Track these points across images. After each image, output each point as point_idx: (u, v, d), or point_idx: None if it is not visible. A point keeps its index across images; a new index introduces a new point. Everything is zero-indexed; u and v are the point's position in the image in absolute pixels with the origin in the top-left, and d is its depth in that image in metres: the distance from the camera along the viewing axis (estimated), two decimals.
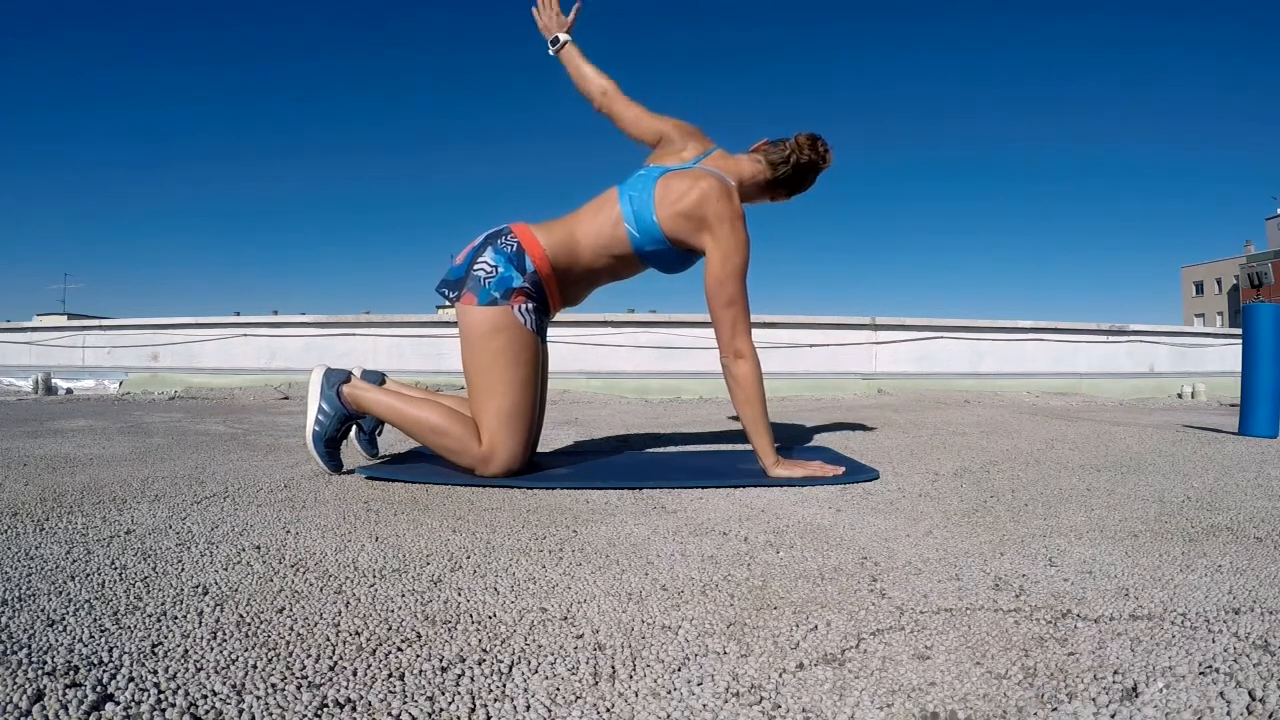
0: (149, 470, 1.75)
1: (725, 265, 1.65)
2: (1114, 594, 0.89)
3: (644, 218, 1.67)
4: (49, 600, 0.84)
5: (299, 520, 1.26)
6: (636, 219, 1.67)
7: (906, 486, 1.59)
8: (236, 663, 0.69)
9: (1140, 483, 1.63)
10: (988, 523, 1.26)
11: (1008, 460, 1.96)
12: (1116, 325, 7.31)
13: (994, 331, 7.03)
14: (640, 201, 1.68)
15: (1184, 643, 0.73)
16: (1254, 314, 2.58)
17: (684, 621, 0.81)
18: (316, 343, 6.89)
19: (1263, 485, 1.60)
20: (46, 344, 7.83)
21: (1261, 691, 0.62)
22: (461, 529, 1.22)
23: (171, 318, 7.34)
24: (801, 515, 1.32)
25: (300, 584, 0.92)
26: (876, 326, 6.87)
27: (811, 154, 1.82)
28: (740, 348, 1.66)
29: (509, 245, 1.66)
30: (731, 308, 1.66)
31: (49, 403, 4.24)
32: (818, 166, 1.85)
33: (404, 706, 0.61)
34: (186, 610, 0.82)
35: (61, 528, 1.18)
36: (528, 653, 0.73)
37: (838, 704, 0.63)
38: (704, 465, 1.86)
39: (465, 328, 1.64)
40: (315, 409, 1.68)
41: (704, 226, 1.65)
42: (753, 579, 0.96)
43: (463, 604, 0.86)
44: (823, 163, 1.85)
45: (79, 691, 0.62)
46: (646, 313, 7.35)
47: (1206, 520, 1.27)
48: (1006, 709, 0.61)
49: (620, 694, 0.65)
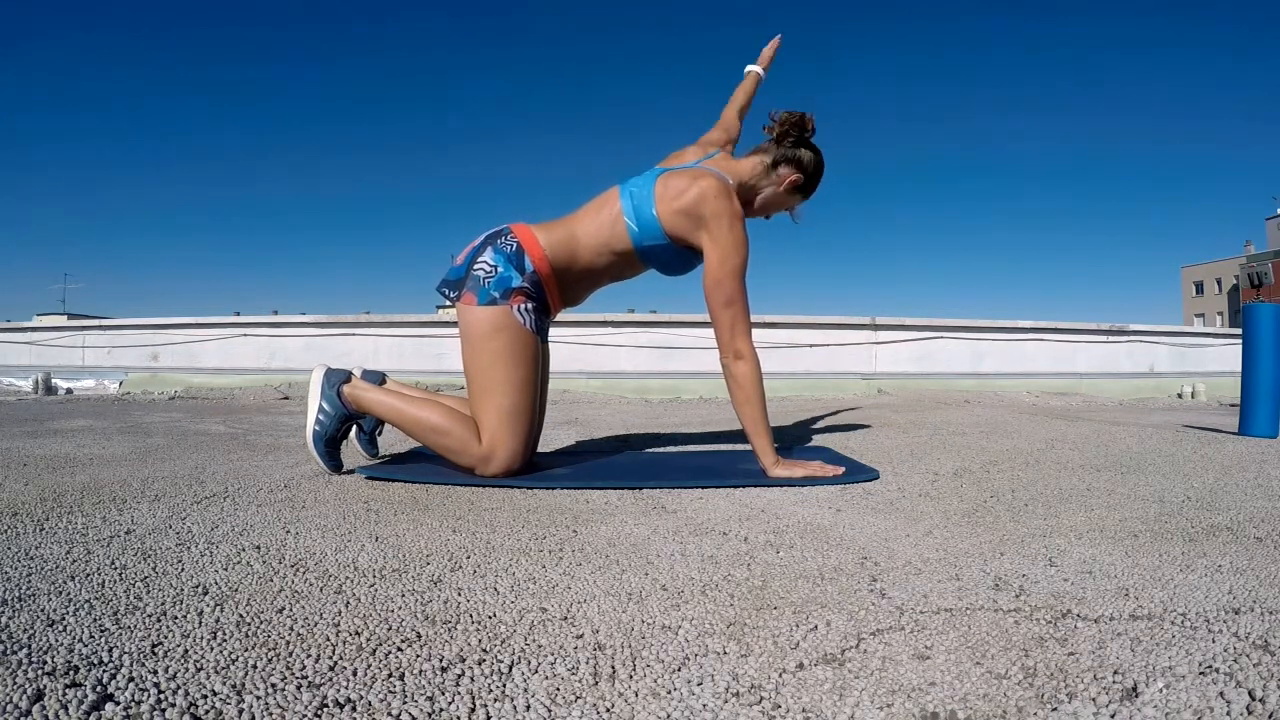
0: (149, 470, 1.75)
1: (723, 265, 1.65)
2: (1114, 594, 0.88)
3: (644, 213, 1.67)
4: (49, 600, 0.84)
5: (299, 520, 1.26)
6: (637, 214, 1.68)
7: (906, 486, 1.59)
8: (236, 663, 0.69)
9: (1140, 483, 1.63)
10: (988, 523, 1.26)
11: (1008, 460, 1.96)
12: (1116, 325, 7.31)
13: (994, 331, 7.03)
14: (641, 197, 1.69)
15: (1184, 643, 0.73)
16: (1254, 314, 2.58)
17: (684, 621, 0.81)
18: (316, 343, 6.88)
19: (1263, 485, 1.60)
20: (46, 344, 7.82)
21: (1261, 691, 0.62)
22: (461, 529, 1.22)
23: (171, 318, 7.33)
24: (801, 515, 1.32)
25: (300, 584, 0.92)
26: (876, 326, 6.86)
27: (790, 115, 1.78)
28: (740, 348, 1.66)
29: (509, 245, 1.66)
30: (730, 308, 1.66)
31: (49, 403, 4.24)
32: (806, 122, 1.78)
33: (404, 706, 0.61)
34: (186, 610, 0.82)
35: (61, 528, 1.18)
36: (528, 653, 0.73)
37: (838, 704, 0.63)
38: (704, 465, 1.86)
39: (465, 327, 1.65)
40: (315, 409, 1.68)
41: (702, 225, 1.65)
42: (753, 579, 0.96)
43: (463, 604, 0.86)
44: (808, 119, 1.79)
45: (79, 691, 0.62)
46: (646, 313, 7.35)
47: (1206, 520, 1.27)
48: (1006, 709, 0.61)
49: (620, 694, 0.65)
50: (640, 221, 1.68)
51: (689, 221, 1.66)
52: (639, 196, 1.69)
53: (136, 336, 7.40)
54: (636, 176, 1.75)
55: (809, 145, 1.81)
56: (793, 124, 1.78)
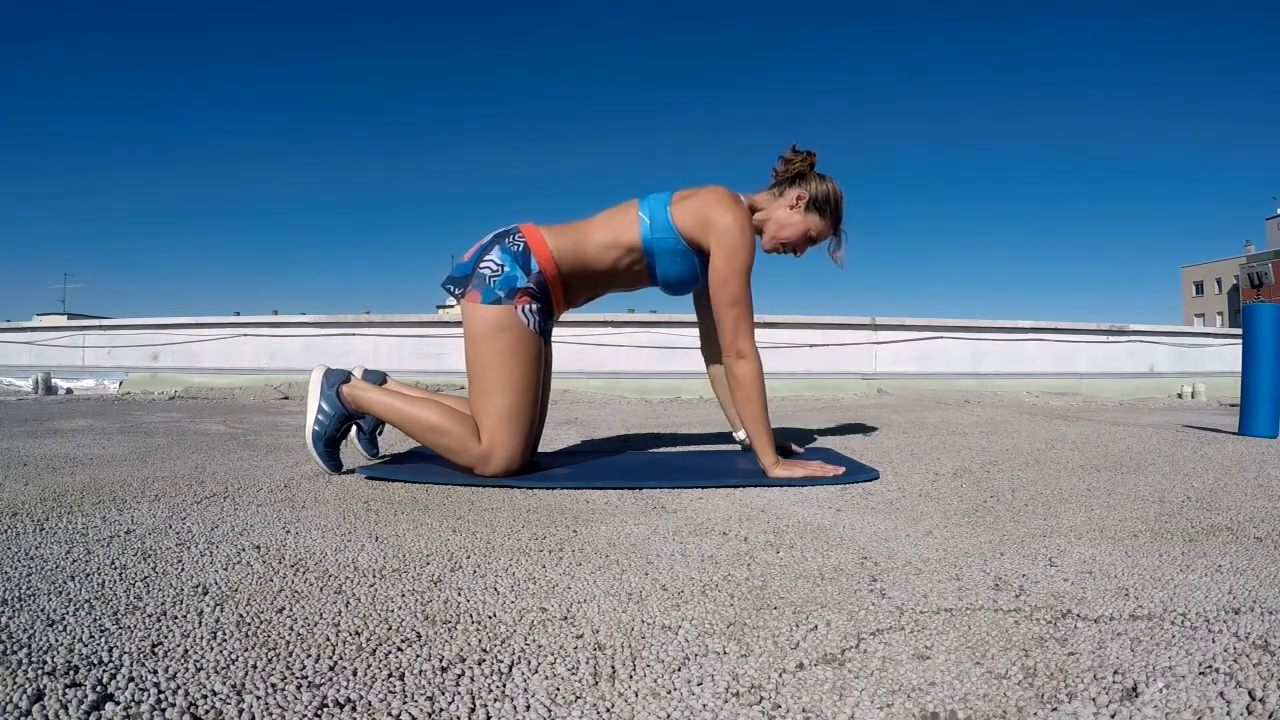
0: (149, 470, 1.75)
1: (729, 264, 1.65)
2: (1114, 594, 0.88)
3: (659, 213, 1.71)
4: (49, 600, 0.84)
5: (299, 520, 1.26)
6: (651, 213, 1.71)
7: (906, 486, 1.59)
8: (236, 663, 0.69)
9: (1140, 483, 1.63)
10: (988, 523, 1.26)
11: (1008, 460, 1.96)
12: (1116, 325, 7.31)
13: (994, 331, 7.03)
14: (657, 202, 1.73)
15: (1184, 643, 0.73)
16: (1254, 314, 2.58)
17: (684, 621, 0.81)
18: (316, 343, 6.89)
19: (1263, 485, 1.60)
20: (46, 344, 7.83)
21: (1261, 691, 0.62)
22: (461, 529, 1.22)
23: (171, 318, 7.34)
24: (801, 515, 1.32)
25: (300, 584, 0.92)
26: (876, 326, 6.87)
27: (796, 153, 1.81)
28: (742, 347, 1.67)
29: (516, 245, 1.66)
30: (735, 307, 1.66)
31: (49, 403, 4.24)
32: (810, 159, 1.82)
33: (404, 706, 0.61)
34: (186, 610, 0.82)
35: (61, 528, 1.18)
36: (528, 653, 0.73)
37: (838, 704, 0.63)
38: (704, 465, 1.86)
39: (469, 326, 1.65)
40: (315, 408, 1.68)
41: (709, 225, 1.67)
42: (753, 579, 0.96)
43: (463, 604, 0.86)
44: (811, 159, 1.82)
45: (79, 691, 0.62)
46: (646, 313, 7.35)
47: (1206, 520, 1.27)
48: (1006, 709, 0.61)
49: (620, 694, 0.65)
50: (654, 220, 1.71)
51: (698, 221, 1.68)
52: (656, 202, 1.73)
53: (136, 336, 7.40)
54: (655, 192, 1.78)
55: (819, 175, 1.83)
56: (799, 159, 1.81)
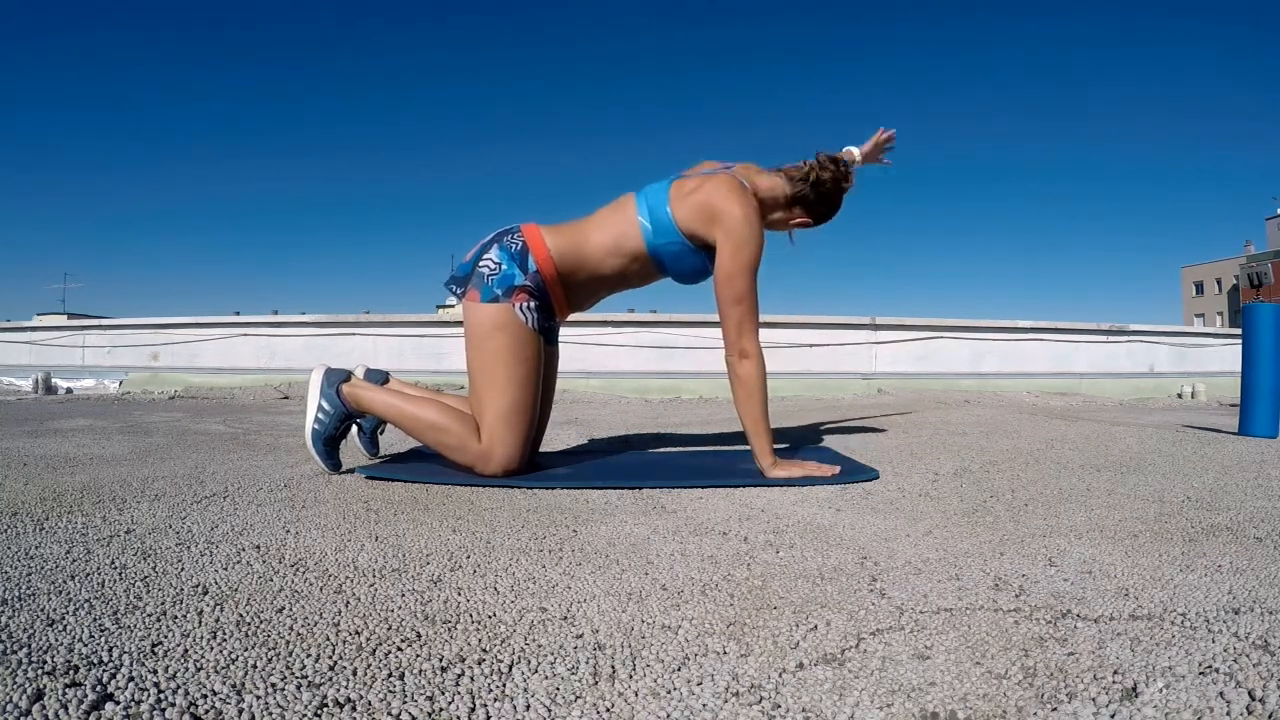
0: (149, 470, 1.75)
1: (735, 259, 1.63)
2: (1114, 594, 0.88)
3: (659, 213, 1.67)
4: (49, 600, 0.84)
5: (299, 520, 1.26)
6: (651, 214, 1.67)
7: (906, 486, 1.59)
8: (236, 662, 0.69)
9: (1140, 483, 1.63)
10: (988, 523, 1.26)
11: (1008, 460, 1.95)
12: (1116, 325, 7.31)
13: (994, 331, 7.03)
14: (656, 199, 1.69)
15: (1184, 643, 0.73)
16: (1254, 314, 2.58)
17: (684, 621, 0.81)
18: (316, 342, 6.88)
19: (1263, 485, 1.60)
20: (46, 344, 7.82)
21: (1261, 691, 0.62)
22: (461, 529, 1.22)
23: (171, 317, 7.33)
24: (801, 515, 1.32)
25: (300, 584, 0.92)
26: (876, 326, 6.87)
27: (832, 172, 1.77)
28: (746, 346, 1.65)
29: (514, 244, 1.66)
30: (740, 304, 1.64)
31: (49, 402, 4.25)
32: (841, 185, 1.79)
33: (404, 706, 0.61)
34: (186, 610, 0.82)
35: (61, 527, 1.18)
36: (528, 652, 0.73)
37: (838, 704, 0.63)
38: (704, 465, 1.86)
39: (469, 324, 1.65)
40: (315, 408, 1.68)
41: (715, 219, 1.63)
42: (753, 579, 0.96)
43: (463, 604, 0.86)
44: (845, 181, 1.79)
45: (79, 691, 0.62)
46: (646, 313, 7.35)
47: (1206, 520, 1.27)
48: (1006, 709, 0.61)
49: (620, 694, 0.65)
50: (655, 221, 1.67)
51: (703, 215, 1.64)
52: (654, 198, 1.68)
53: (136, 336, 7.40)
54: (652, 184, 1.75)
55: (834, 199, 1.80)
56: (832, 175, 1.77)
